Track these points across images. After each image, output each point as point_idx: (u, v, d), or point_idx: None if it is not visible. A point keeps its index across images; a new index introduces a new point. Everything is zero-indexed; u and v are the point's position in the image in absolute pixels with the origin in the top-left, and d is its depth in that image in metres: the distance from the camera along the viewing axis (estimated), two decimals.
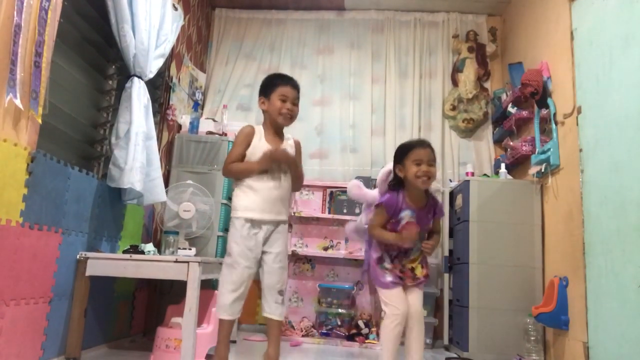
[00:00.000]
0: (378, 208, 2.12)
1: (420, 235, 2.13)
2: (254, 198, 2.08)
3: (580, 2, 2.81)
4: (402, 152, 2.09)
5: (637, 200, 2.15)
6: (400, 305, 2.02)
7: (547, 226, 3.19)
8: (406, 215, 2.07)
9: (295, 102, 2.12)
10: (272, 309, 2.09)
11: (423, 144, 2.08)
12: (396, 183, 2.13)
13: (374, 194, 2.34)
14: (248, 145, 2.10)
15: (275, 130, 2.17)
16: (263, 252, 2.09)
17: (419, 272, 2.11)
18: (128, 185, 2.55)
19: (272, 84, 2.12)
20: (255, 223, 2.08)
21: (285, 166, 2.12)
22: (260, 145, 2.09)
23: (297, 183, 2.20)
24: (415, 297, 2.09)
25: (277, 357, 2.09)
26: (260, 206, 2.07)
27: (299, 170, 2.18)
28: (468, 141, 4.23)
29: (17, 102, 1.89)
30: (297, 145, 2.23)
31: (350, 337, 3.62)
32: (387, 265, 2.11)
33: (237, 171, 2.10)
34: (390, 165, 2.20)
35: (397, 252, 2.11)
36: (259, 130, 2.14)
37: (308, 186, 4.16)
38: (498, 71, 4.35)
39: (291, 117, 2.12)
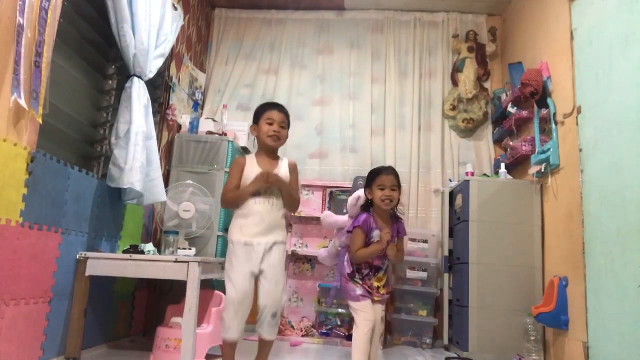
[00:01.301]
0: (356, 230, 2.31)
1: (387, 258, 2.34)
2: (247, 224, 2.12)
3: (580, 2, 2.81)
4: (371, 178, 2.36)
5: (637, 200, 2.15)
6: (371, 313, 2.25)
7: (547, 226, 3.19)
8: (376, 234, 2.30)
9: (283, 125, 2.20)
10: (264, 330, 2.11)
11: (387, 170, 2.36)
12: (367, 205, 2.39)
13: (344, 219, 2.58)
14: (241, 174, 2.18)
15: (268, 153, 2.23)
16: (260, 272, 2.10)
17: (382, 291, 2.34)
18: (128, 185, 2.55)
19: (260, 111, 2.24)
20: (249, 244, 2.10)
21: (276, 188, 2.15)
22: (253, 171, 2.15)
23: (291, 204, 2.21)
24: (378, 311, 2.33)
25: None
26: (253, 231, 2.11)
27: (291, 191, 2.19)
28: (468, 141, 4.23)
29: (22, 102, 1.89)
30: (292, 166, 2.26)
31: (350, 337, 3.61)
32: (358, 280, 2.31)
33: (233, 198, 2.15)
34: (359, 192, 2.51)
35: (368, 270, 2.31)
36: (251, 158, 2.23)
37: (308, 186, 4.17)
38: (498, 71, 4.35)
39: (278, 138, 2.19)
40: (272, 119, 2.19)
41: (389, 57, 4.42)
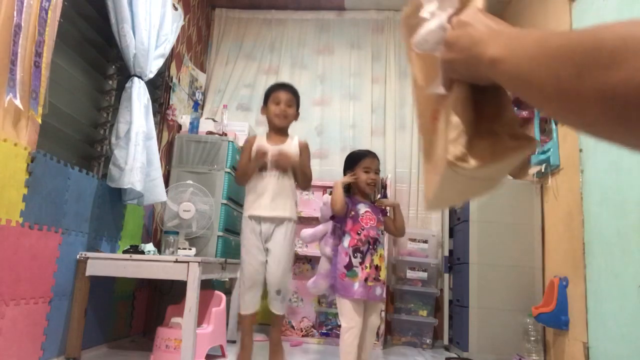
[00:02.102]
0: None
1: (380, 230, 2.31)
2: (254, 197, 2.29)
3: (580, 2, 2.81)
4: (354, 161, 2.35)
5: (637, 200, 2.15)
6: (355, 318, 2.15)
7: (547, 226, 3.19)
8: (362, 206, 2.28)
9: (290, 104, 2.30)
10: (271, 304, 2.31)
11: (372, 154, 2.37)
12: (347, 189, 2.35)
13: (320, 227, 2.52)
14: (250, 151, 2.30)
15: (277, 132, 2.36)
16: (266, 250, 2.26)
17: (382, 274, 2.25)
18: (128, 186, 2.55)
19: (268, 92, 2.35)
20: (255, 219, 2.27)
21: (283, 164, 2.25)
22: (261, 147, 2.28)
23: (303, 180, 2.34)
24: (375, 314, 2.24)
25: (278, 341, 2.36)
26: (260, 204, 2.25)
27: (302, 167, 2.31)
28: None
29: (17, 102, 1.89)
30: (302, 145, 2.37)
31: None
32: (357, 268, 2.18)
33: (241, 173, 2.32)
34: (324, 198, 2.48)
35: (367, 246, 2.21)
36: (261, 137, 2.36)
37: None
38: None
39: (285, 117, 2.30)
40: (279, 99, 2.29)
41: (389, 57, 4.42)
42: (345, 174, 2.40)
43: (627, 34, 0.33)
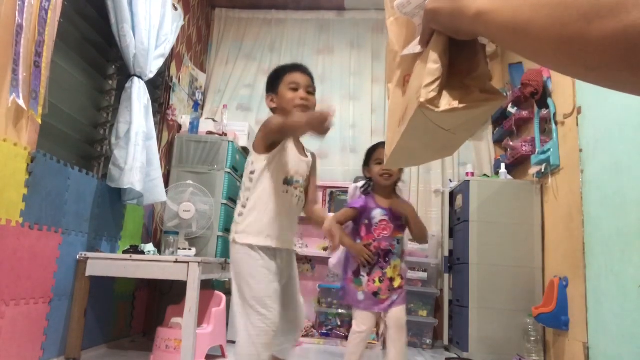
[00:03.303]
0: (350, 208, 2.21)
1: (397, 239, 2.17)
2: (271, 222, 1.58)
3: None
4: (367, 155, 2.23)
5: (637, 200, 2.15)
6: (366, 322, 2.10)
7: (547, 226, 3.19)
8: (377, 213, 2.14)
9: (310, 91, 1.68)
10: (287, 353, 1.70)
11: (384, 144, 2.15)
12: (366, 188, 2.25)
13: (341, 253, 2.38)
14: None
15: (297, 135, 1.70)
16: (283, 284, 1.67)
17: (397, 283, 2.13)
18: (128, 186, 2.55)
19: (279, 74, 1.69)
20: (270, 253, 1.59)
21: (305, 175, 1.70)
22: (289, 148, 1.65)
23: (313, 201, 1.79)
24: (394, 315, 2.10)
25: None
26: (278, 232, 1.59)
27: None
28: (468, 141, 4.23)
29: (21, 102, 1.89)
30: (314, 159, 1.80)
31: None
32: (363, 277, 2.12)
33: (290, 126, 1.52)
34: (353, 184, 2.39)
35: (377, 257, 2.13)
36: None
37: None
38: (498, 71, 4.35)
39: (307, 107, 1.63)
40: (296, 83, 1.64)
41: None
42: (363, 171, 2.27)
43: None
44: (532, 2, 0.43)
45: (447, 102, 0.55)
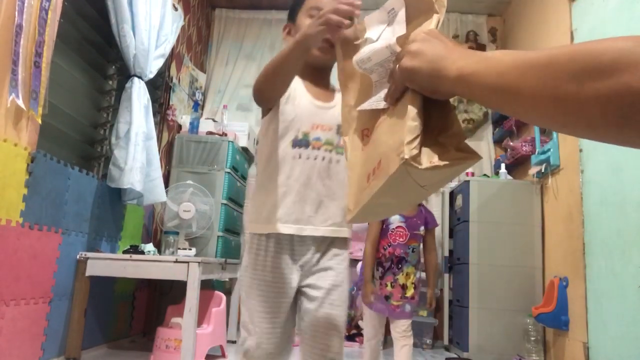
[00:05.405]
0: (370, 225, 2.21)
1: (412, 247, 2.17)
2: (278, 199, 1.15)
3: (580, 2, 2.81)
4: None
5: (637, 200, 2.15)
6: (375, 330, 2.14)
7: (547, 226, 3.19)
8: (395, 219, 2.14)
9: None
10: None
11: None
12: None
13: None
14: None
15: (314, 73, 1.23)
16: (302, 292, 1.17)
17: (410, 292, 2.13)
18: (128, 186, 2.55)
19: (299, 1, 1.27)
20: (278, 241, 1.16)
21: (336, 125, 1.18)
22: (301, 98, 1.20)
23: None
24: (399, 325, 2.12)
25: None
26: (291, 211, 1.15)
27: None
28: (468, 141, 4.20)
29: (20, 102, 1.89)
30: None
31: (351, 337, 3.62)
32: (375, 280, 2.15)
33: (268, 70, 1.09)
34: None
35: (389, 263, 2.15)
36: (296, 80, 1.19)
37: None
38: None
39: (332, 46, 1.07)
40: (319, 9, 1.10)
41: None
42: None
43: (624, 47, 0.37)
44: (517, 64, 0.43)
45: (427, 159, 0.55)
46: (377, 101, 0.63)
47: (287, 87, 1.13)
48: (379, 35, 0.64)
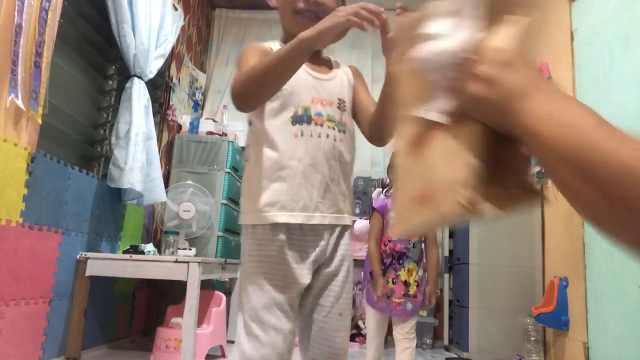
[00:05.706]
0: (374, 213, 2.23)
1: (412, 242, 2.15)
2: (277, 185, 1.04)
3: (580, 2, 2.81)
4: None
5: None
6: (377, 331, 2.15)
7: (547, 226, 3.19)
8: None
9: None
10: None
11: None
12: (389, 189, 2.31)
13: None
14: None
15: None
16: (309, 293, 1.09)
17: (413, 289, 2.10)
18: (128, 186, 2.55)
19: None
20: (292, 231, 1.04)
21: (336, 104, 1.11)
22: None
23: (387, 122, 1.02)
24: (401, 327, 2.10)
25: None
26: (292, 199, 1.03)
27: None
28: None
29: (19, 102, 1.89)
30: (356, 73, 1.31)
31: (351, 337, 3.62)
32: (378, 277, 2.13)
33: (257, 71, 0.97)
34: (378, 190, 2.36)
35: (390, 259, 2.14)
36: (275, 48, 1.21)
37: None
38: None
39: (318, 16, 1.06)
40: None
41: None
42: (388, 174, 2.36)
43: None
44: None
45: (489, 204, 0.48)
46: (435, 111, 0.54)
47: (278, 90, 1.02)
48: (447, 31, 0.53)
